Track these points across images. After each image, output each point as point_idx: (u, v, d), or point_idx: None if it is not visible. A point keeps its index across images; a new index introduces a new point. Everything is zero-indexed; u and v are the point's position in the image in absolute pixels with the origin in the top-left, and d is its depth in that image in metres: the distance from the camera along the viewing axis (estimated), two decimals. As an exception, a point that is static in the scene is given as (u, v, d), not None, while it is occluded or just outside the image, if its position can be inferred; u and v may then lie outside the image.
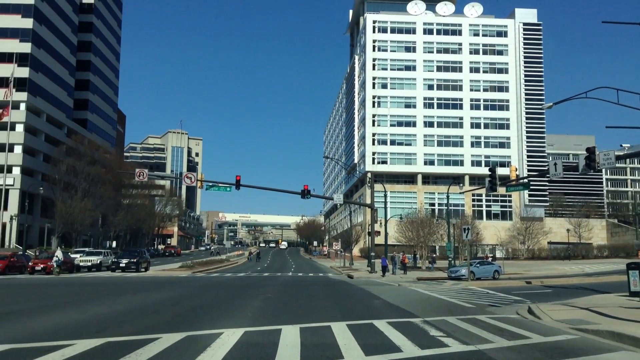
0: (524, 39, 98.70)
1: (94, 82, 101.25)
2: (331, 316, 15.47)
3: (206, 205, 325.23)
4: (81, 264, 47.66)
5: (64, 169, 76.03)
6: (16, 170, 76.68)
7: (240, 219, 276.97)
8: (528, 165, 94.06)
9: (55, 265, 40.75)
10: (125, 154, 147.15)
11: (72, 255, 49.88)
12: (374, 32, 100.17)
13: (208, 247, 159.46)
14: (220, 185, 43.42)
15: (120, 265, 46.08)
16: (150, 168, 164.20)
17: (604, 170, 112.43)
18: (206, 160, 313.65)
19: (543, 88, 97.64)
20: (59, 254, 41.78)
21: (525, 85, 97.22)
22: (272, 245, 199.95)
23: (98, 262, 48.68)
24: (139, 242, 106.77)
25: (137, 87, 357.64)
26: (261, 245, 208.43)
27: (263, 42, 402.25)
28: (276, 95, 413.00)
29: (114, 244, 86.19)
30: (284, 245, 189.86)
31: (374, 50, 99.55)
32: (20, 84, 76.63)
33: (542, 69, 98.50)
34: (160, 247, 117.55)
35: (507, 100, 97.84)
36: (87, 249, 61.14)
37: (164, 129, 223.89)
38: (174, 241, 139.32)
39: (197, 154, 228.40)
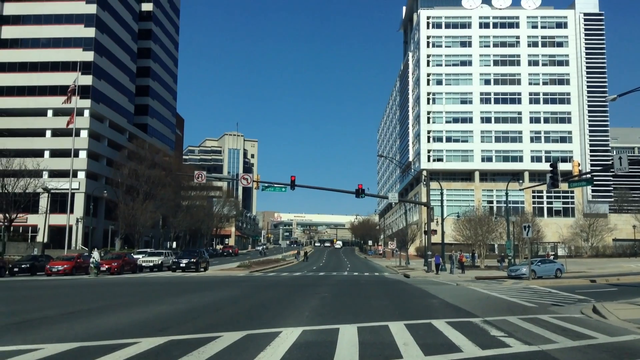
0: (585, 29, 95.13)
1: (154, 87, 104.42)
2: (389, 315, 15.40)
3: (262, 205, 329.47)
4: (143, 264, 49.17)
5: (126, 173, 78.63)
6: (81, 175, 79.94)
7: (295, 218, 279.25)
8: (591, 160, 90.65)
9: (92, 267, 40.44)
10: (183, 156, 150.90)
11: (135, 256, 51.59)
12: (428, 28, 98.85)
13: (264, 246, 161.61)
14: (275, 185, 43.94)
15: (181, 265, 47.26)
16: (208, 170, 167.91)
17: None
18: (261, 162, 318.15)
19: (606, 80, 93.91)
20: (95, 255, 41.47)
21: (587, 78, 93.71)
22: (327, 244, 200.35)
23: (159, 262, 50.09)
24: (198, 243, 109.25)
25: (195, 91, 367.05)
26: (316, 244, 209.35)
27: (316, 41, 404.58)
28: (330, 95, 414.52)
29: (174, 244, 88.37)
30: (338, 244, 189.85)
31: (428, 46, 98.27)
32: (84, 92, 79.83)
33: (605, 60, 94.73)
34: (218, 247, 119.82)
35: (568, 94, 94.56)
36: (148, 250, 63.14)
37: (220, 131, 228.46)
38: (231, 241, 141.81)
39: (252, 156, 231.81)
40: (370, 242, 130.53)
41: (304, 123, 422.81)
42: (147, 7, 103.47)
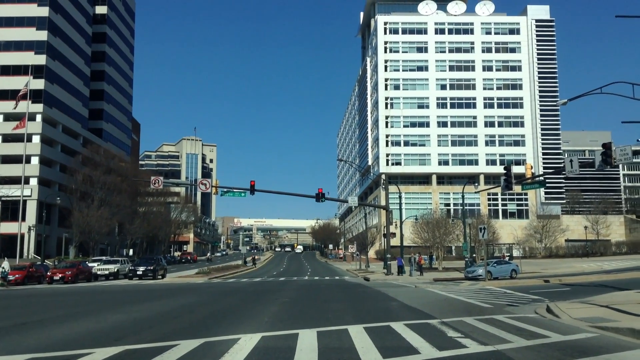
0: (537, 35, 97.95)
1: (109, 91, 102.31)
2: (348, 319, 15.45)
3: (221, 211, 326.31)
4: (99, 272, 48.01)
5: (80, 179, 76.77)
6: (33, 182, 77.60)
7: (256, 224, 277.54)
8: (544, 163, 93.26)
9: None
10: (140, 162, 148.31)
11: (90, 264, 50.33)
12: (385, 33, 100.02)
13: (224, 253, 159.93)
14: (234, 190, 43.63)
15: (137, 273, 46.38)
16: (165, 175, 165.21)
17: (621, 165, 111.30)
18: (220, 167, 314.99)
19: (557, 85, 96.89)
20: (5, 265, 38.91)
21: (539, 82, 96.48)
22: (288, 249, 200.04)
23: (115, 270, 48.99)
24: (155, 250, 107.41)
25: (151, 96, 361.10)
26: (277, 249, 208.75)
27: (274, 46, 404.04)
28: (289, 99, 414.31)
29: (131, 252, 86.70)
30: (299, 249, 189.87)
31: (385, 51, 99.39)
32: (36, 96, 77.61)
33: (556, 66, 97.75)
34: (177, 254, 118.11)
35: (521, 98, 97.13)
36: (104, 258, 61.68)
37: (178, 136, 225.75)
38: (190, 248, 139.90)
39: (211, 160, 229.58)
40: (331, 246, 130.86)
41: (263, 128, 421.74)
42: (101, 10, 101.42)
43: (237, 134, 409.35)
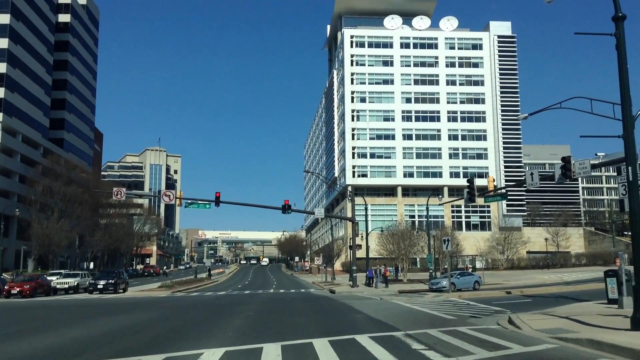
0: (499, 51, 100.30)
1: (71, 101, 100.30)
2: (313, 332, 15.38)
3: (186, 223, 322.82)
4: (58, 286, 46.73)
5: (40, 190, 74.82)
6: (-10, 192, 75.28)
7: (221, 236, 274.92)
8: (505, 176, 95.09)
9: None
10: (102, 173, 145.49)
11: (49, 278, 48.93)
12: (351, 46, 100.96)
13: (188, 265, 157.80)
14: (199, 202, 43.19)
15: (98, 286, 45.34)
16: (128, 187, 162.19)
17: (580, 179, 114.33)
18: (185, 178, 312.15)
19: (518, 99, 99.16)
20: None
21: (501, 97, 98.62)
22: (254, 262, 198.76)
23: (75, 284, 47.77)
24: (117, 263, 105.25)
25: (115, 105, 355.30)
26: (242, 262, 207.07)
27: (241, 57, 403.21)
28: (256, 110, 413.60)
29: (92, 265, 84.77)
30: (265, 261, 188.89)
31: (352, 64, 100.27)
32: (-5, 104, 75.59)
33: (517, 81, 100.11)
34: (139, 267, 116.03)
35: (484, 112, 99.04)
36: (63, 271, 59.94)
37: (142, 146, 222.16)
38: (152, 260, 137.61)
39: (175, 172, 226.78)
40: (297, 259, 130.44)
41: (229, 139, 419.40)
42: (64, 18, 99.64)
43: (203, 144, 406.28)
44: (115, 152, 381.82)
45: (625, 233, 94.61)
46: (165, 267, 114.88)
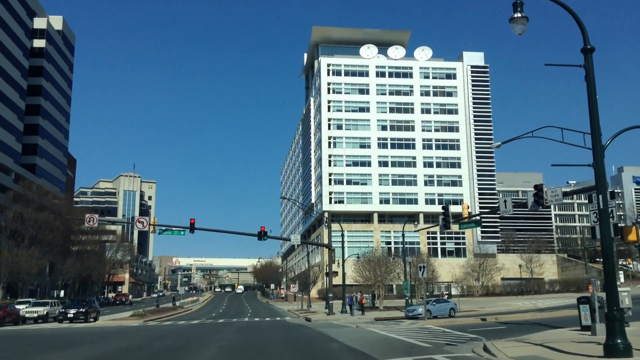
0: (472, 81, 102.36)
1: (44, 126, 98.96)
2: (287, 362, 15.14)
3: (160, 250, 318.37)
4: (27, 315, 45.57)
5: (10, 216, 73.22)
6: (-41, 218, 73.35)
7: (195, 263, 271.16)
8: (480, 203, 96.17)
9: None
10: (75, 199, 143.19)
11: (17, 307, 47.57)
12: (328, 75, 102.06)
13: (161, 293, 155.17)
14: (173, 229, 42.66)
15: (68, 315, 44.31)
16: (101, 213, 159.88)
17: (552, 206, 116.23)
18: (160, 204, 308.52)
19: (492, 128, 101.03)
20: None
21: (475, 125, 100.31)
22: (228, 289, 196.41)
23: (44, 313, 46.56)
24: (88, 291, 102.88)
25: (89, 130, 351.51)
26: (217, 289, 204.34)
27: (217, 83, 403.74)
28: (232, 136, 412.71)
29: (62, 293, 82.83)
30: (240, 289, 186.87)
31: (328, 92, 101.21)
32: (-35, 129, 74.20)
33: (490, 110, 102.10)
34: (111, 295, 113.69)
35: (458, 140, 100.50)
36: (32, 300, 58.33)
37: (115, 172, 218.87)
38: (125, 289, 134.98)
39: (150, 198, 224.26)
40: (272, 286, 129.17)
41: (205, 165, 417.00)
42: (39, 43, 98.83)
43: (179, 170, 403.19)
44: (89, 178, 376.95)
45: (598, 260, 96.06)
46: (130, 296, 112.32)
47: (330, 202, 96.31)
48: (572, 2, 15.12)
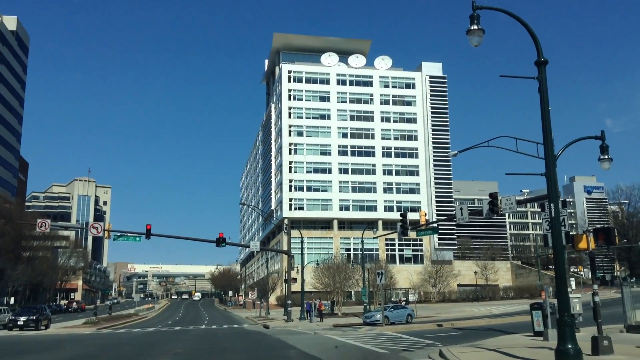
0: (431, 90, 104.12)
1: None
2: (245, 370, 14.99)
3: (115, 256, 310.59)
4: (-27, 323, 43.81)
5: (-44, 221, 70.38)
6: None
7: (151, 270, 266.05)
8: (437, 210, 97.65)
9: None
10: (27, 203, 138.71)
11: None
12: (289, 81, 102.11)
13: (115, 301, 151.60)
14: (129, 235, 41.76)
15: (18, 323, 42.89)
16: (54, 218, 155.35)
17: (507, 214, 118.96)
18: (115, 209, 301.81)
19: (449, 137, 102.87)
20: None
21: (433, 134, 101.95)
22: (185, 296, 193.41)
23: (-8, 320, 44.86)
24: (39, 298, 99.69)
25: (43, 134, 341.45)
26: (173, 297, 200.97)
27: (177, 87, 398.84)
28: (190, 142, 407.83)
29: (12, 300, 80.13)
30: (197, 296, 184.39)
31: (289, 99, 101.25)
32: None
33: (448, 119, 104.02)
34: (63, 302, 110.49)
35: (416, 149, 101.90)
36: (-21, 307, 56.23)
37: (70, 176, 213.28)
38: (78, 296, 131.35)
39: (105, 203, 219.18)
40: (230, 293, 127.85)
41: (163, 170, 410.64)
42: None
43: (135, 175, 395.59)
44: (42, 182, 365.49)
45: (550, 267, 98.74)
46: (84, 303, 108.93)
47: (290, 209, 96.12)
48: (527, 14, 15.56)
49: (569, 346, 13.52)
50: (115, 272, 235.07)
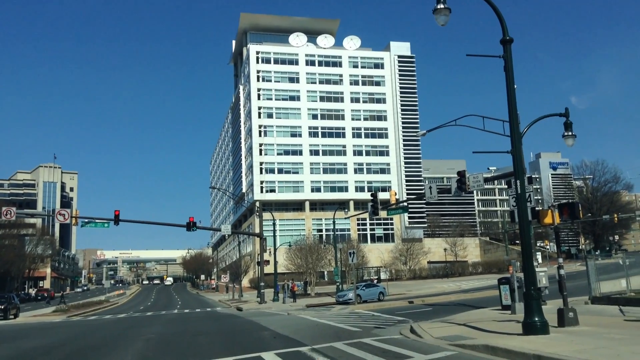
0: (399, 70, 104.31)
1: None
2: (217, 353, 15.02)
3: (83, 243, 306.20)
4: (-62, 314, 42.64)
5: None
6: None
7: (121, 256, 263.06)
8: (407, 189, 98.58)
9: None
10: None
11: None
12: (257, 62, 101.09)
13: (85, 288, 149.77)
14: (97, 221, 41.11)
15: (-15, 313, 41.88)
16: (20, 205, 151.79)
17: (475, 191, 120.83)
18: (83, 195, 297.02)
19: (418, 116, 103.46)
20: None
21: (402, 114, 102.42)
22: (157, 282, 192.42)
23: (-42, 311, 43.76)
24: (7, 287, 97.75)
25: (5, 119, 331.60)
26: (144, 282, 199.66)
27: (143, 69, 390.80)
28: (158, 125, 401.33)
29: (-22, 290, 78.32)
30: (169, 281, 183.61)
31: (258, 80, 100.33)
32: None
33: (417, 99, 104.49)
34: (31, 290, 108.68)
35: (386, 129, 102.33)
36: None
37: (34, 163, 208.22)
38: (46, 284, 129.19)
39: (72, 189, 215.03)
40: (203, 277, 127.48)
41: (130, 154, 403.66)
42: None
43: (102, 161, 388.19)
44: (5, 169, 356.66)
45: (517, 242, 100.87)
46: (53, 291, 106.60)
47: (261, 191, 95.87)
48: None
49: (536, 319, 13.90)
50: (85, 259, 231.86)
